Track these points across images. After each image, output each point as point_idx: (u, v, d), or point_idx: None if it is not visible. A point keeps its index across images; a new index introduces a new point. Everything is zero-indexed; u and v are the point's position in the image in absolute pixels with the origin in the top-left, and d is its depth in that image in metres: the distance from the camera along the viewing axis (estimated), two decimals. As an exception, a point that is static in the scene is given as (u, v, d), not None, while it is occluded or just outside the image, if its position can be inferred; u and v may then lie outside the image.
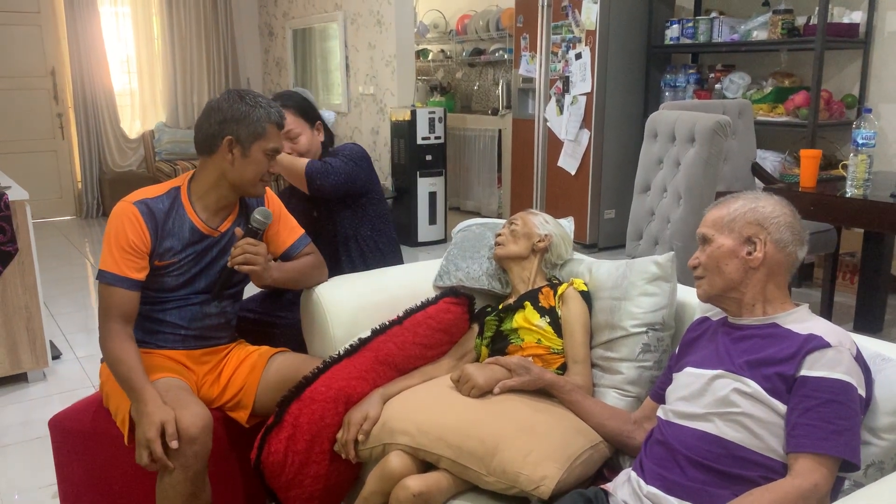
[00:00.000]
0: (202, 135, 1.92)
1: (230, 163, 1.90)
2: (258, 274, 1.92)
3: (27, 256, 3.18)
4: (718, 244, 1.53)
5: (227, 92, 1.93)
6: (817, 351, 1.37)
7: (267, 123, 1.91)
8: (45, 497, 2.45)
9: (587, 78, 5.33)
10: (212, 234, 1.98)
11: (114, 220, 1.88)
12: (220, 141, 1.89)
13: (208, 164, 1.94)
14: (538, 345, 1.93)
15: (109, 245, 1.87)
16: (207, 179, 1.95)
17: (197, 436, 1.74)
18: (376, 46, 6.46)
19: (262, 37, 8.49)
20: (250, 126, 1.88)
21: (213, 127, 1.89)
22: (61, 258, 5.67)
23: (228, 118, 1.88)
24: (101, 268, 1.88)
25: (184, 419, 1.74)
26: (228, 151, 1.89)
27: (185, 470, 1.75)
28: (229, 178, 1.93)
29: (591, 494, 1.52)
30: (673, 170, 3.28)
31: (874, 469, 1.39)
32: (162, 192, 1.95)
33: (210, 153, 1.92)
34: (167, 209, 1.93)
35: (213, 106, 1.91)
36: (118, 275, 1.86)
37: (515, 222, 2.14)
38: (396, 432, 1.73)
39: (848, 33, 4.44)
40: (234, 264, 1.89)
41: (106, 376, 1.98)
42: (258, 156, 1.91)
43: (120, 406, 1.89)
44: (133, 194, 1.94)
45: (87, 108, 7.23)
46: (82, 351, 3.75)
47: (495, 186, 6.73)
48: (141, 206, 1.89)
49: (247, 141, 1.89)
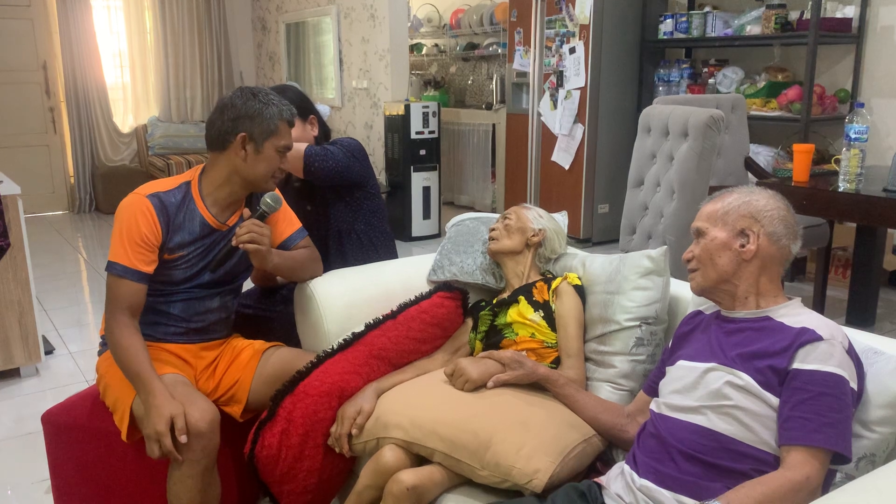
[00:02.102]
0: (215, 131, 1.92)
1: (243, 159, 1.91)
2: (262, 255, 1.92)
3: (19, 251, 3.16)
4: (712, 237, 1.53)
5: (240, 89, 1.94)
6: (810, 344, 1.37)
7: (279, 121, 1.92)
8: (39, 492, 2.45)
9: (581, 72, 5.33)
10: (220, 229, 1.98)
11: (125, 212, 1.87)
12: (233, 138, 1.90)
13: (220, 159, 1.94)
14: (532, 339, 1.94)
15: (121, 237, 1.86)
16: (219, 175, 1.95)
17: (205, 430, 1.75)
18: (370, 41, 6.44)
19: (255, 31, 8.46)
20: (263, 123, 1.90)
21: (226, 124, 1.90)
22: (54, 253, 5.65)
23: (242, 115, 1.89)
24: (110, 259, 1.87)
25: (192, 414, 1.74)
26: (241, 148, 1.90)
27: (194, 465, 1.77)
28: (241, 175, 1.94)
29: (584, 488, 1.52)
30: (666, 164, 3.29)
31: (865, 462, 1.39)
32: (173, 187, 1.94)
33: (222, 149, 1.92)
34: (178, 203, 1.93)
35: (225, 103, 1.92)
36: (129, 267, 1.85)
37: (509, 217, 2.14)
38: (390, 426, 1.73)
39: (841, 28, 4.45)
40: (240, 243, 1.88)
41: (104, 370, 1.98)
42: (270, 152, 1.93)
43: (118, 401, 1.89)
44: (144, 187, 1.93)
45: (79, 102, 7.19)
46: (75, 346, 3.74)
47: (489, 181, 6.73)
48: (154, 199, 1.89)
49: (260, 138, 1.90)
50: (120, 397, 1.88)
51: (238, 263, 2.04)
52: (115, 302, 1.86)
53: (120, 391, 1.89)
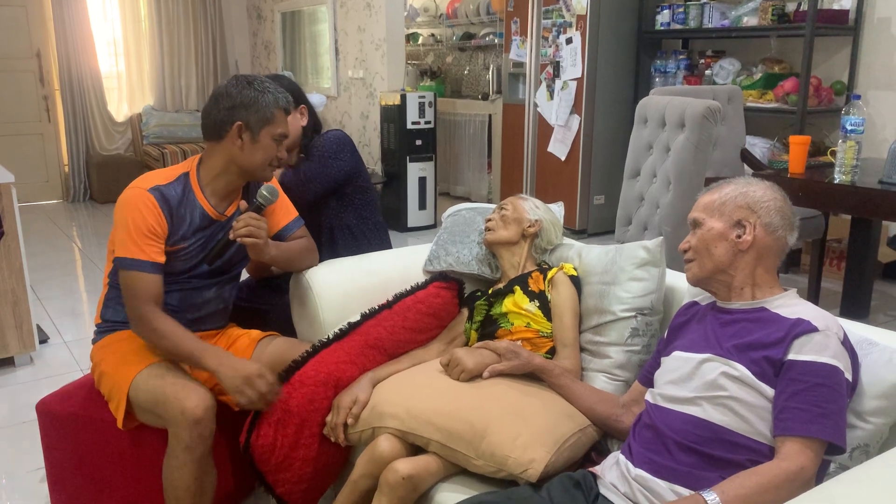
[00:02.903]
0: (211, 121, 1.91)
1: (240, 148, 1.90)
2: (259, 248, 1.91)
3: (13, 240, 3.15)
4: (708, 227, 1.53)
5: (235, 78, 1.93)
6: (805, 335, 1.38)
7: (275, 109, 1.91)
8: (33, 481, 2.45)
9: (578, 63, 5.32)
10: (219, 220, 1.98)
11: (128, 206, 1.85)
12: (230, 127, 1.88)
13: (217, 149, 1.93)
14: (527, 329, 1.94)
15: (129, 232, 1.83)
16: (216, 165, 1.94)
17: (201, 417, 1.75)
18: (366, 30, 6.42)
19: (250, 20, 8.41)
20: (259, 112, 1.89)
21: (221, 113, 1.89)
22: (48, 242, 5.63)
23: (238, 104, 1.88)
24: (121, 256, 1.84)
25: (189, 400, 1.74)
26: (238, 137, 1.89)
27: (189, 452, 1.77)
28: (239, 164, 1.93)
29: (579, 477, 1.53)
30: (663, 155, 3.28)
31: (859, 452, 1.40)
32: (172, 179, 1.92)
33: (219, 139, 1.91)
34: (180, 197, 1.92)
35: (221, 92, 1.90)
36: (145, 260, 1.84)
37: (505, 207, 2.14)
38: (386, 416, 1.73)
39: (837, 20, 4.44)
40: (237, 236, 1.88)
41: (98, 359, 1.97)
42: (267, 141, 1.92)
43: (113, 389, 1.89)
44: (142, 180, 1.91)
45: (73, 90, 7.15)
46: (69, 335, 3.73)
47: (485, 171, 6.72)
48: (156, 192, 1.87)
49: (256, 126, 1.89)
50: (115, 386, 1.88)
51: (235, 253, 2.03)
52: (138, 297, 1.83)
53: (115, 379, 1.88)
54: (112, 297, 2.02)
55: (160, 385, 1.81)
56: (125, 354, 1.92)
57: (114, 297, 2.01)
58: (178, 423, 1.76)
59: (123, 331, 1.99)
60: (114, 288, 2.00)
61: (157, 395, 1.80)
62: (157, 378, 1.83)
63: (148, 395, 1.82)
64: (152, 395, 1.81)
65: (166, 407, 1.77)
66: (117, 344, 1.97)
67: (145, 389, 1.83)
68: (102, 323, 2.04)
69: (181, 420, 1.75)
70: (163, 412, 1.79)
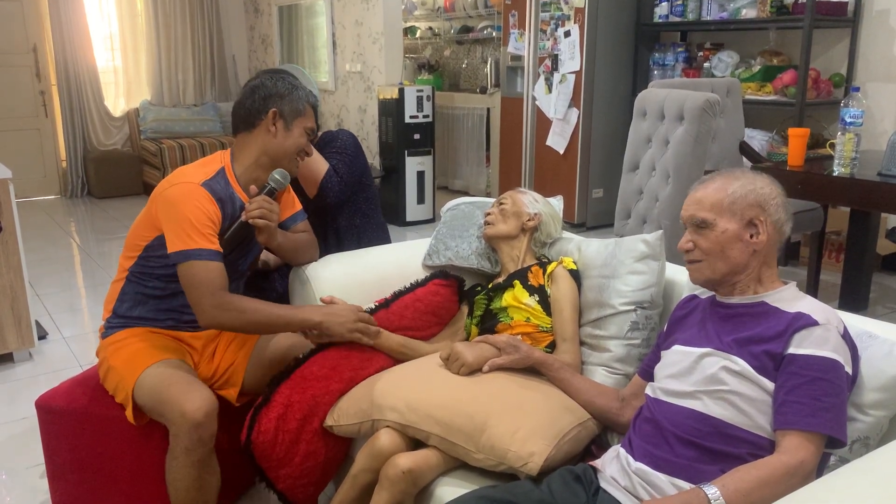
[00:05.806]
0: (244, 111, 1.97)
1: (273, 135, 1.96)
2: (269, 231, 1.94)
3: (11, 236, 3.14)
4: (722, 228, 1.48)
5: (266, 72, 2.02)
6: (805, 329, 1.38)
7: (306, 103, 2.01)
8: (33, 477, 2.45)
9: (576, 56, 5.30)
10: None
11: (185, 200, 1.83)
12: (264, 115, 1.95)
13: (248, 140, 1.97)
14: (527, 323, 1.94)
15: (190, 224, 1.81)
16: (249, 156, 1.98)
17: (201, 421, 1.75)
18: (363, 23, 6.40)
19: (247, 13, 8.38)
20: (293, 103, 1.97)
21: (257, 102, 1.95)
22: (46, 238, 5.62)
23: (273, 94, 1.96)
24: (184, 248, 1.80)
25: (190, 403, 1.74)
26: (272, 124, 1.95)
27: (188, 454, 1.77)
28: (270, 153, 1.97)
29: (579, 471, 1.53)
30: (662, 148, 3.28)
31: (860, 445, 1.40)
32: (212, 175, 1.91)
33: (251, 128, 1.96)
34: (223, 191, 1.92)
35: (255, 84, 1.98)
36: (211, 249, 1.83)
37: (504, 201, 2.13)
38: (386, 409, 1.73)
39: (836, 12, 4.44)
40: (250, 218, 1.89)
41: (105, 355, 1.96)
42: (298, 131, 1.98)
43: (119, 384, 1.88)
44: (183, 175, 1.89)
45: (70, 85, 7.12)
46: (68, 331, 3.73)
47: (484, 165, 6.71)
48: (208, 188, 1.87)
49: (290, 116, 1.97)
50: (121, 381, 1.88)
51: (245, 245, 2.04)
52: (209, 285, 1.80)
53: (121, 375, 1.88)
54: (128, 291, 1.99)
55: (162, 385, 1.81)
56: (136, 352, 1.91)
57: (130, 291, 1.99)
58: (177, 426, 1.76)
59: (137, 327, 1.98)
60: (133, 283, 1.98)
61: (159, 395, 1.80)
62: (159, 377, 1.83)
63: (151, 395, 1.82)
64: (155, 395, 1.81)
65: (167, 408, 1.77)
66: (129, 340, 1.95)
67: (148, 388, 1.82)
68: (114, 317, 2.01)
69: (181, 422, 1.75)
70: (164, 412, 1.79)
